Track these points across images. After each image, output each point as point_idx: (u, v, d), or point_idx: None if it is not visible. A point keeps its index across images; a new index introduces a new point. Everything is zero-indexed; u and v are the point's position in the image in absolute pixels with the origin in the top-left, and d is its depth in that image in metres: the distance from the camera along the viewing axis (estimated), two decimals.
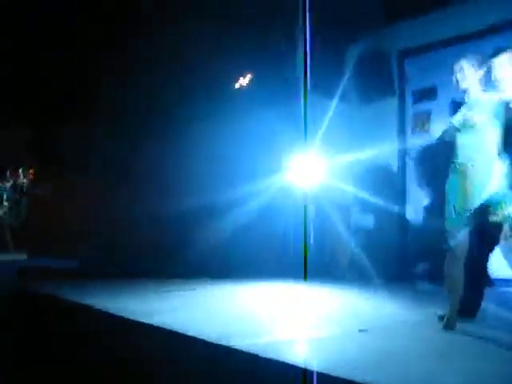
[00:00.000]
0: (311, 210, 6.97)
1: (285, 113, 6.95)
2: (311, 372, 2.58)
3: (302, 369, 2.64)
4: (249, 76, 7.65)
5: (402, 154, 7.24)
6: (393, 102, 7.29)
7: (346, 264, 6.69)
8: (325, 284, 6.01)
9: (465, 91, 3.71)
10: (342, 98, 7.20)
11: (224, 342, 3.12)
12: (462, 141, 3.61)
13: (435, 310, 3.91)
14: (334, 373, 2.51)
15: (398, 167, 7.25)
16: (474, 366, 2.77)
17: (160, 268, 6.79)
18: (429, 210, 6.56)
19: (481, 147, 3.52)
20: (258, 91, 7.42)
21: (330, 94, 7.04)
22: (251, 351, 2.93)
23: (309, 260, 6.26)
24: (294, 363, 2.75)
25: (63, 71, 8.80)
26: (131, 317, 3.96)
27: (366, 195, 6.72)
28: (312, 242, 6.77)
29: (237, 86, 7.76)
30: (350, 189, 6.95)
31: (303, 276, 5.91)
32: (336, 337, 3.46)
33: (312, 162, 6.76)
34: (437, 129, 5.70)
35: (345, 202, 7.04)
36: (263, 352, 2.89)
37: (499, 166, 3.47)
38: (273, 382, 2.71)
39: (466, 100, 3.70)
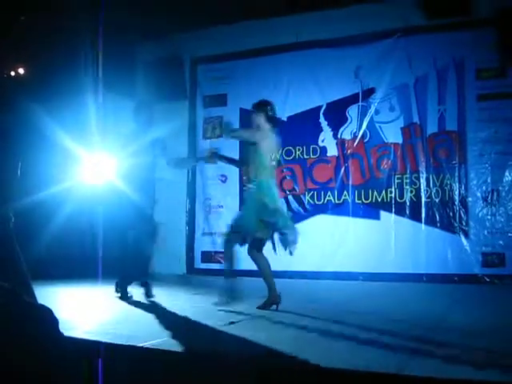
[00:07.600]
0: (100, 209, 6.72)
1: (75, 111, 6.67)
2: None
3: None
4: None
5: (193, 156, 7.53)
6: (184, 106, 7.55)
7: None
8: None
9: None
10: (133, 98, 7.18)
11: None
12: None
13: None
14: None
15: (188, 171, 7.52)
16: None
17: None
18: None
19: None
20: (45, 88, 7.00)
21: (122, 93, 7.04)
22: None
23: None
24: None
25: None
26: None
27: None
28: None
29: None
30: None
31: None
32: None
33: (102, 161, 6.50)
34: None
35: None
36: None
37: None
38: None
39: None
